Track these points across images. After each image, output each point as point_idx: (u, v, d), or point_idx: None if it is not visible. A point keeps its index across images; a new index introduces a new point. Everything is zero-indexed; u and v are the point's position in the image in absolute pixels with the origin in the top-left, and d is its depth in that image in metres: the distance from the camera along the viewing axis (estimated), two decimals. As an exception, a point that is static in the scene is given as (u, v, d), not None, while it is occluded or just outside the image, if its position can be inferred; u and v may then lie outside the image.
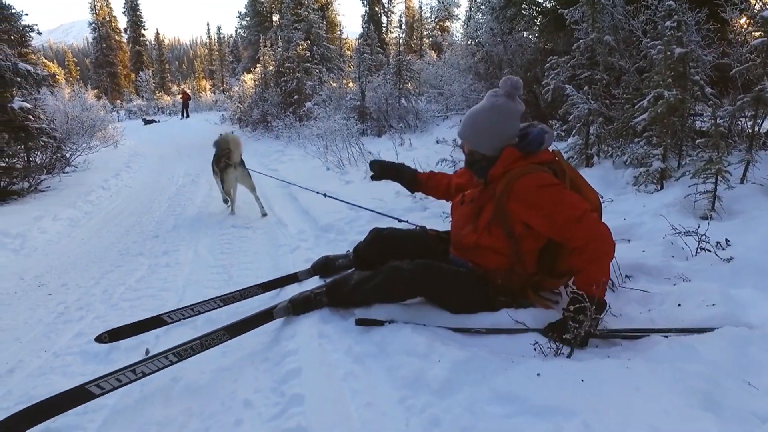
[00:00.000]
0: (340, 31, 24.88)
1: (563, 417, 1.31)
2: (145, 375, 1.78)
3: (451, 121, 8.79)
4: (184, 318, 2.35)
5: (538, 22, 6.99)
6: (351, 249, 2.71)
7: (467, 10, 16.94)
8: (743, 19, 3.62)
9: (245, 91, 17.64)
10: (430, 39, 27.79)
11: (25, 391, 1.90)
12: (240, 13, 28.32)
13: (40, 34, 8.30)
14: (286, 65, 14.27)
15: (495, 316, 1.92)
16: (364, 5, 27.65)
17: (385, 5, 29.11)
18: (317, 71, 14.98)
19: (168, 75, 41.92)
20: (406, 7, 30.39)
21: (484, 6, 8.39)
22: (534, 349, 1.67)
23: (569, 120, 4.46)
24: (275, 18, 24.62)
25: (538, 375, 1.46)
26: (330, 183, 5.70)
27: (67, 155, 8.40)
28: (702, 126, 3.61)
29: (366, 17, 27.47)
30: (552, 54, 5.33)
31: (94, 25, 35.69)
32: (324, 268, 2.74)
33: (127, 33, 37.27)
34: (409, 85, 11.01)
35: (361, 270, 2.34)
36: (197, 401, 1.73)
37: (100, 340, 2.12)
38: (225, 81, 33.54)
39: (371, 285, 2.08)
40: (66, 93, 14.86)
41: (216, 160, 5.02)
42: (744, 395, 1.33)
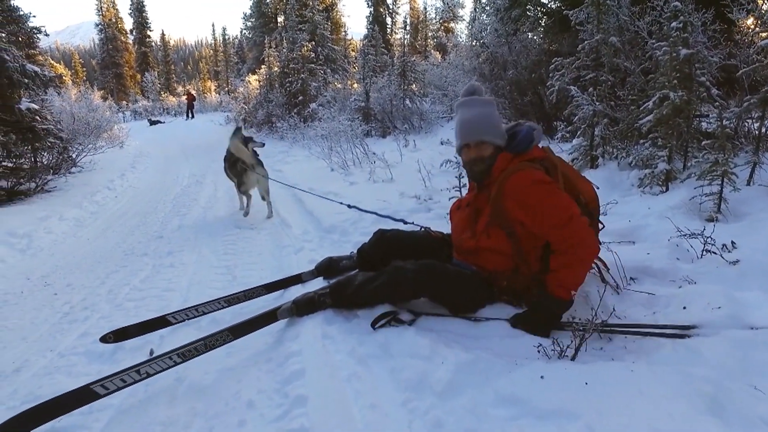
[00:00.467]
0: (344, 32, 24.98)
1: (567, 420, 1.31)
2: (150, 375, 1.79)
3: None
4: (188, 318, 2.36)
5: (543, 23, 6.98)
6: (355, 250, 2.71)
7: (472, 11, 16.95)
8: (750, 20, 3.59)
9: (250, 92, 17.71)
10: (434, 40, 27.81)
11: (31, 390, 1.92)
12: (245, 14, 28.44)
13: (47, 35, 8.37)
14: (290, 66, 14.34)
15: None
16: (368, 6, 27.71)
17: (390, 6, 29.15)
18: (322, 72, 15.04)
19: (173, 76, 42.18)
20: (410, 8, 30.44)
21: (489, 7, 8.38)
22: (537, 352, 1.67)
23: (574, 121, 4.45)
24: (280, 19, 24.75)
25: (541, 377, 1.46)
26: (334, 184, 5.71)
27: (73, 156, 8.46)
28: (708, 127, 3.59)
29: (371, 18, 27.53)
30: (557, 55, 5.33)
31: (100, 27, 36.03)
32: (328, 269, 2.74)
33: (133, 34, 37.58)
34: (414, 86, 11.03)
35: (365, 271, 2.35)
36: (201, 401, 1.74)
37: (105, 340, 2.13)
38: (230, 82, 33.71)
39: (374, 285, 2.08)
40: (72, 94, 14.97)
41: (229, 165, 4.96)
42: (750, 399, 1.32)
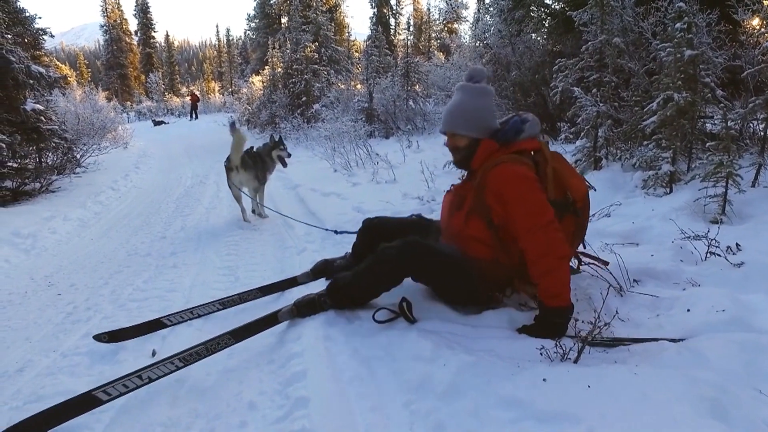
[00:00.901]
0: (348, 33, 25.01)
1: (569, 423, 1.30)
2: (152, 380, 1.79)
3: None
4: (183, 321, 2.35)
5: (546, 24, 6.96)
6: (350, 250, 2.73)
7: (475, 11, 16.95)
8: (756, 21, 3.56)
9: (254, 93, 17.76)
10: (438, 41, 27.84)
11: (34, 390, 1.92)
12: (249, 15, 28.55)
13: (52, 36, 8.45)
14: (294, 67, 14.35)
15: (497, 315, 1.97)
16: (372, 7, 27.77)
17: (394, 7, 29.20)
18: (325, 73, 15.06)
19: (177, 77, 42.36)
20: (414, 9, 30.47)
21: (492, 8, 8.38)
22: (540, 354, 1.66)
23: (578, 122, 4.43)
24: (284, 20, 24.78)
25: (544, 380, 1.45)
26: (337, 185, 5.71)
27: (78, 156, 8.50)
28: (712, 129, 3.57)
29: (374, 19, 27.60)
30: (560, 56, 5.32)
31: (105, 28, 36.29)
32: (323, 271, 2.75)
33: (138, 35, 37.79)
34: (417, 87, 11.04)
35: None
36: (203, 402, 1.74)
37: (99, 338, 2.15)
38: (233, 83, 33.79)
39: (362, 267, 2.12)
40: (77, 95, 15.05)
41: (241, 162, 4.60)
42: (754, 403, 1.31)
